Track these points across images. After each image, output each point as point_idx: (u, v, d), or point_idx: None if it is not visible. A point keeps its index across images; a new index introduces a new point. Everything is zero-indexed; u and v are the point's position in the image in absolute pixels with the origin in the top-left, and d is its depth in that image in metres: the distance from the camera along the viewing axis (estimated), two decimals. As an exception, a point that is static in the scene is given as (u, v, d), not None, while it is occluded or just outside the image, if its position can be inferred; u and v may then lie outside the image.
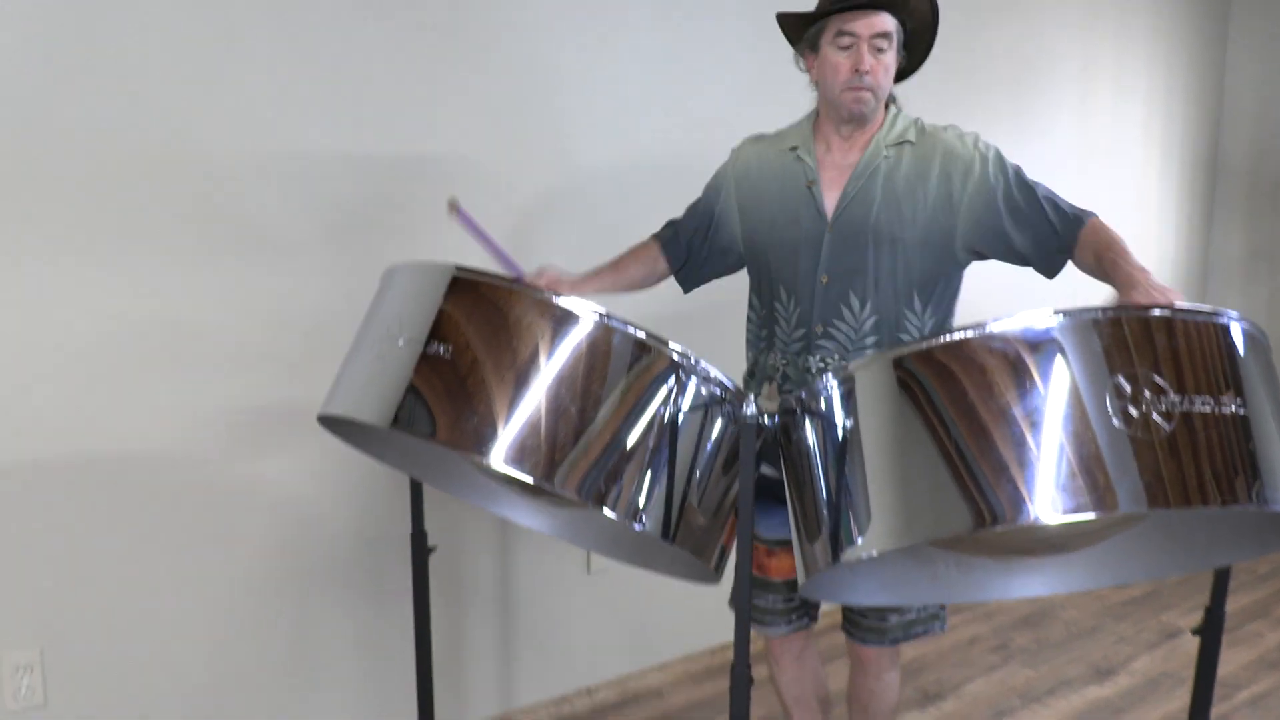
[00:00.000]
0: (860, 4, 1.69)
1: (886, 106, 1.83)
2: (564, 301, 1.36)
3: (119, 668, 1.99)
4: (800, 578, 1.38)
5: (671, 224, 1.98)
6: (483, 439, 1.31)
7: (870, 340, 1.77)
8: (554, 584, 2.59)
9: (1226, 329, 1.29)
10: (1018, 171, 1.79)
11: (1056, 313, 1.25)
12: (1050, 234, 1.74)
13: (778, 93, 2.73)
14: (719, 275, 1.98)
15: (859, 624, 1.90)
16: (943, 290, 1.82)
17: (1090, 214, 1.76)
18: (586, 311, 1.35)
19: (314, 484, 2.18)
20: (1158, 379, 1.19)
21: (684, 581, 1.64)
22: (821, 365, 1.78)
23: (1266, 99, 4.25)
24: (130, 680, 2.01)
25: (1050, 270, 1.79)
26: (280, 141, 2.04)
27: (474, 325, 1.37)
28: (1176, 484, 1.19)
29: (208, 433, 2.03)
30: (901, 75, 1.82)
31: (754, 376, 1.88)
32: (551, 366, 1.34)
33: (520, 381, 1.33)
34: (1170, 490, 1.19)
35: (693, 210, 1.96)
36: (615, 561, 2.65)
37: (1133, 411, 1.17)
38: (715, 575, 1.49)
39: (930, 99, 3.18)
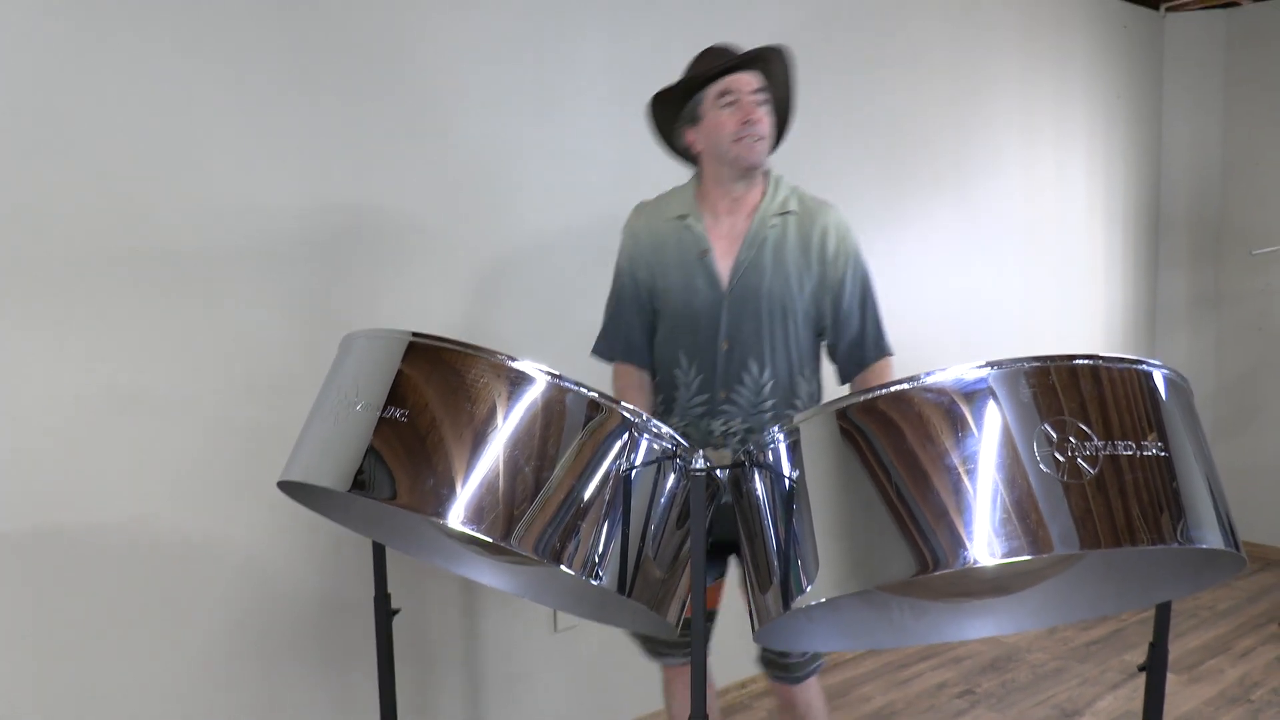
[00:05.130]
0: (735, 65, 1.85)
1: (766, 175, 1.95)
2: (518, 364, 1.40)
3: (79, 742, 1.97)
4: (754, 626, 1.41)
5: (610, 337, 2.02)
6: (441, 500, 1.34)
7: (769, 404, 1.89)
8: (520, 643, 2.60)
9: (1149, 375, 1.36)
10: (866, 281, 1.95)
11: (988, 364, 1.32)
12: (860, 347, 1.94)
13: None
14: None
15: (771, 663, 2.00)
16: (816, 359, 1.97)
17: (890, 353, 1.97)
18: (539, 373, 1.40)
19: (277, 549, 2.18)
20: (1082, 425, 1.26)
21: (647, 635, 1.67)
22: (724, 428, 1.89)
23: (1200, 155, 4.43)
24: (91, 755, 1.98)
25: (845, 375, 1.99)
26: (237, 212, 2.09)
27: (430, 388, 1.41)
28: (1106, 525, 1.25)
29: (168, 501, 2.04)
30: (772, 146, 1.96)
31: None
32: (507, 427, 1.38)
33: (477, 442, 1.37)
34: (1101, 531, 1.24)
35: (620, 309, 2.01)
36: (581, 619, 2.66)
37: (1059, 457, 1.23)
38: (674, 628, 1.52)
39: (872, 175, 3.30)
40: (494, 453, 1.36)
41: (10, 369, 1.86)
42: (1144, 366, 1.36)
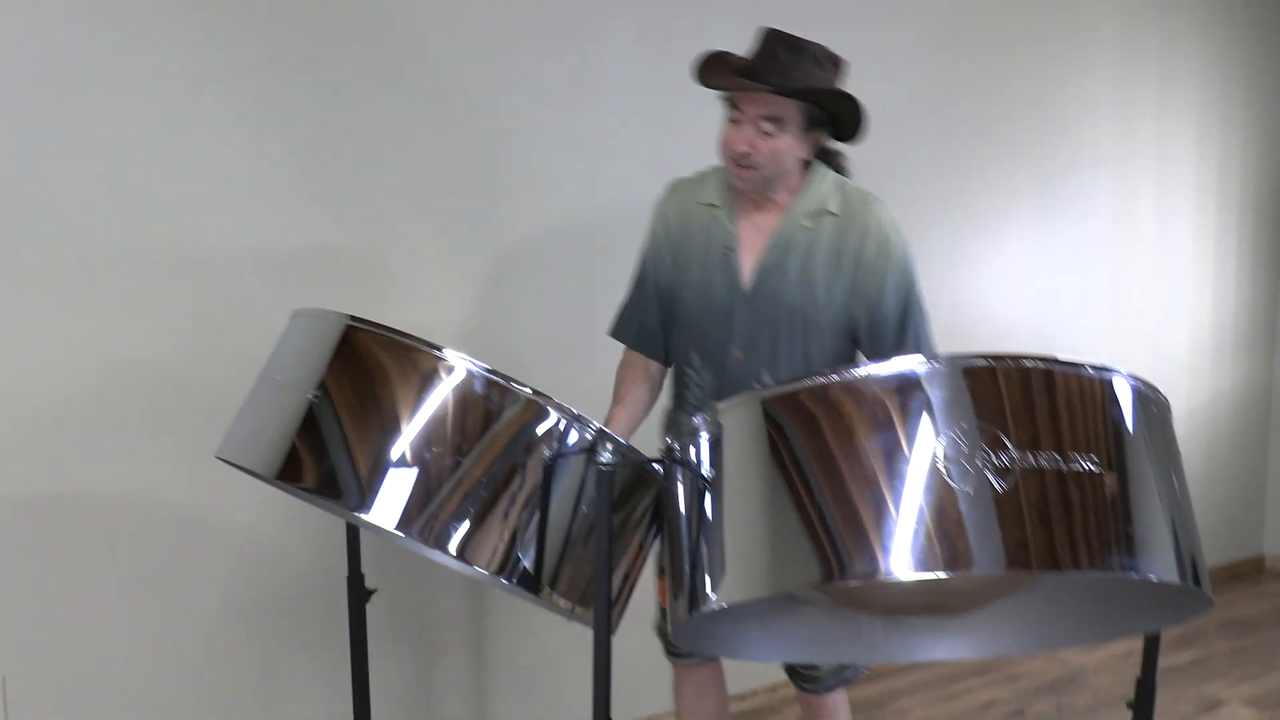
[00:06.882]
0: (741, 87, 1.63)
1: (809, 163, 1.75)
2: (442, 352, 1.37)
3: (83, 698, 2.06)
4: (669, 629, 1.35)
5: (626, 320, 1.89)
6: (347, 487, 1.33)
7: None
8: (534, 628, 2.56)
9: (1108, 384, 1.22)
10: (909, 291, 1.74)
11: (925, 359, 1.21)
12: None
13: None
14: None
15: (796, 672, 1.93)
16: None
17: None
18: (460, 361, 1.37)
19: (280, 526, 2.22)
20: (1000, 434, 1.13)
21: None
22: None
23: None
24: (94, 709, 2.07)
25: None
26: (247, 207, 2.13)
27: (353, 373, 1.39)
28: (1042, 546, 1.12)
29: (171, 472, 2.10)
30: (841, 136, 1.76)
31: (669, 428, 1.87)
32: (422, 415, 1.35)
33: (389, 429, 1.34)
34: (1034, 553, 1.12)
35: (641, 293, 1.87)
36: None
37: (968, 466, 1.11)
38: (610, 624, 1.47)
39: (934, 163, 3.08)
40: (405, 441, 1.34)
41: (16, 343, 1.96)
42: (1106, 374, 1.22)
